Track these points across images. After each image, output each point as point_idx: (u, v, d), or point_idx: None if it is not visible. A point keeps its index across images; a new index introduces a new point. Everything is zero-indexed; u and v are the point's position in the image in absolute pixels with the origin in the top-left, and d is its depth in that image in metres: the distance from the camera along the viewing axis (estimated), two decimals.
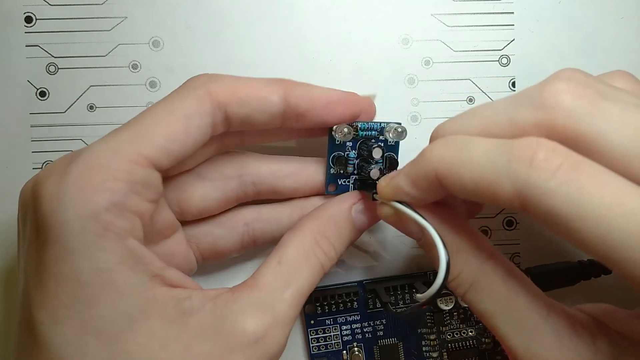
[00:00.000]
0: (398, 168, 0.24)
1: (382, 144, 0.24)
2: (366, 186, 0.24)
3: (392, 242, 0.28)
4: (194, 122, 0.20)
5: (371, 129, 0.24)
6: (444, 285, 0.19)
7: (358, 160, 0.24)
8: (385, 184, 0.21)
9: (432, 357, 0.27)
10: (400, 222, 0.22)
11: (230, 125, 0.21)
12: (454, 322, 0.27)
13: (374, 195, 0.23)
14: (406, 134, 0.24)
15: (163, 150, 0.19)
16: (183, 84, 0.21)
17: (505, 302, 0.20)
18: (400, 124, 0.24)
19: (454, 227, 0.21)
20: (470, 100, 0.28)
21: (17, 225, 0.21)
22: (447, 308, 0.27)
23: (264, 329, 0.19)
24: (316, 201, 0.25)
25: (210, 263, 0.26)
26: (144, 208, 0.19)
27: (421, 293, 0.20)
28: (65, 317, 0.18)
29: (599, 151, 0.17)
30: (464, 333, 0.27)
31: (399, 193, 0.21)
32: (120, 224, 0.18)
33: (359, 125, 0.24)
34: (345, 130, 0.23)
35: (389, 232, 0.28)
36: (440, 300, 0.27)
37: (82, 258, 0.18)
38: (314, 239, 0.22)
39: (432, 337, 0.27)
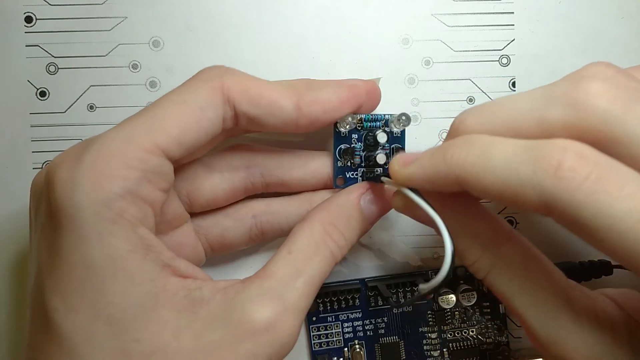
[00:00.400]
0: None
1: (387, 130, 0.24)
2: (375, 177, 0.24)
3: (394, 243, 0.28)
4: (207, 113, 0.20)
5: (375, 120, 0.24)
6: (448, 277, 0.19)
7: (365, 152, 0.24)
8: (399, 169, 0.20)
9: (433, 356, 0.27)
10: (410, 212, 0.22)
11: (238, 122, 0.21)
12: (455, 322, 0.27)
13: (382, 178, 0.23)
14: (410, 121, 0.23)
15: (176, 140, 0.19)
16: (196, 74, 0.21)
17: (524, 285, 0.19)
18: (404, 113, 0.24)
19: (469, 212, 0.20)
20: (471, 100, 0.28)
21: (29, 215, 0.21)
22: (448, 307, 0.27)
23: (274, 317, 0.19)
24: (324, 194, 0.25)
25: (218, 255, 0.26)
26: (156, 197, 0.19)
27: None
28: (78, 303, 0.18)
29: (633, 156, 0.16)
30: (465, 332, 0.28)
31: (412, 183, 0.20)
32: (132, 211, 0.18)
33: (364, 117, 0.24)
34: (349, 119, 0.23)
35: (390, 233, 0.28)
36: (441, 299, 0.27)
37: (94, 244, 0.18)
38: (324, 229, 0.22)
39: (433, 336, 0.27)
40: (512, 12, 0.28)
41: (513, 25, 0.28)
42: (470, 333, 0.28)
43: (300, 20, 0.27)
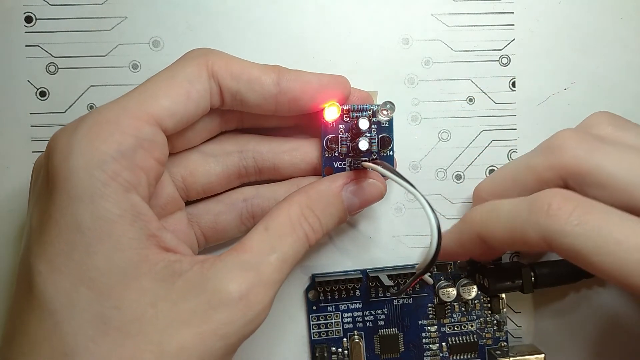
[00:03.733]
0: (392, 146, 0.24)
1: (374, 121, 0.24)
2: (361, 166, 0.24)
3: (394, 242, 0.28)
4: (195, 86, 0.21)
5: (362, 110, 0.24)
6: (438, 251, 0.19)
7: (352, 143, 0.24)
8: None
9: (432, 350, 0.27)
10: None
11: (224, 99, 0.22)
12: (455, 316, 0.28)
13: (362, 163, 0.23)
14: (394, 108, 0.23)
15: (167, 110, 0.20)
16: (183, 55, 0.22)
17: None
18: (388, 101, 0.23)
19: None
20: (470, 100, 0.28)
21: (29, 193, 0.22)
22: (449, 300, 0.27)
23: (247, 288, 0.19)
24: (312, 180, 0.25)
25: (212, 246, 0.26)
26: (150, 165, 0.20)
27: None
28: (63, 265, 0.18)
29: (602, 183, 0.21)
30: (464, 327, 0.28)
31: (449, 252, 0.25)
32: (125, 175, 0.19)
33: (351, 107, 0.24)
34: (334, 108, 0.24)
35: (391, 232, 0.28)
36: (442, 292, 0.27)
37: (85, 205, 0.18)
38: (300, 211, 0.22)
39: (433, 329, 0.27)
40: (512, 12, 0.28)
41: (513, 25, 0.28)
42: (470, 328, 0.28)
43: (300, 20, 0.27)
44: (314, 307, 0.27)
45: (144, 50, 0.27)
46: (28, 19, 0.27)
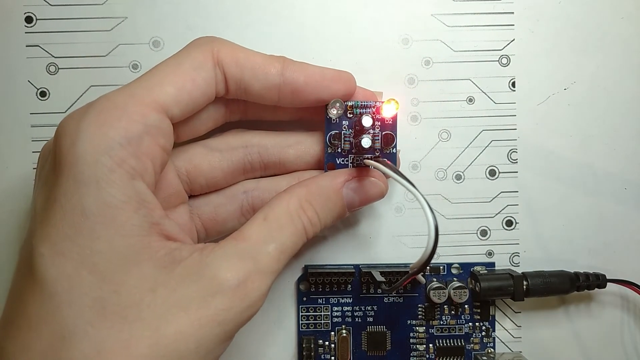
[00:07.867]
0: (395, 143, 0.24)
1: (377, 118, 0.24)
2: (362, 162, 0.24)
3: (394, 242, 0.28)
4: (200, 74, 0.21)
5: (366, 107, 0.24)
6: (434, 251, 0.19)
7: (354, 140, 0.24)
8: None
9: (419, 350, 0.27)
10: None
11: (228, 87, 0.22)
12: (444, 318, 0.28)
13: (365, 161, 0.23)
14: (398, 106, 0.23)
15: (173, 97, 0.20)
16: (189, 42, 0.22)
17: None
18: (392, 98, 0.24)
19: None
20: (470, 100, 0.28)
21: (35, 179, 0.22)
22: (439, 302, 0.27)
23: (245, 276, 0.20)
24: (314, 173, 0.25)
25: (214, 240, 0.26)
26: (156, 153, 0.20)
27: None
28: (66, 249, 0.18)
29: None
30: (452, 330, 0.28)
31: None
32: (131, 162, 0.19)
33: (354, 104, 0.24)
34: (338, 104, 0.23)
35: (391, 232, 0.28)
36: (433, 294, 0.27)
37: (91, 190, 0.18)
38: (299, 203, 0.22)
39: (421, 330, 0.27)
40: (512, 12, 0.28)
41: (513, 25, 0.28)
42: (458, 331, 0.28)
43: (300, 20, 0.27)
44: (304, 298, 0.27)
45: (144, 51, 0.27)
46: (28, 19, 0.27)
